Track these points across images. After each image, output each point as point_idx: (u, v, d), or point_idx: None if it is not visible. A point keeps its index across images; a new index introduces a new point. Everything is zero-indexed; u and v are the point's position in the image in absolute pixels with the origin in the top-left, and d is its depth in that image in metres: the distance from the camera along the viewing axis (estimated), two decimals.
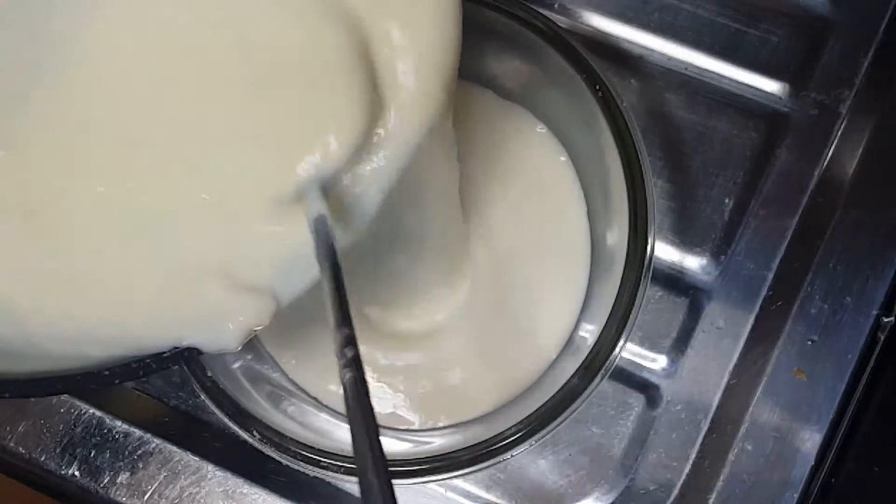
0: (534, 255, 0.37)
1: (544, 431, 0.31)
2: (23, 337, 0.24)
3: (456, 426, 0.36)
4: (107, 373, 0.25)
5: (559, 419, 0.31)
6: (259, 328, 0.25)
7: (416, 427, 0.36)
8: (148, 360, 0.25)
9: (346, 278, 0.23)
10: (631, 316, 0.31)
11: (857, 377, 0.37)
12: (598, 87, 0.32)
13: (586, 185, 0.38)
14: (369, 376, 0.36)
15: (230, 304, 0.24)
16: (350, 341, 0.22)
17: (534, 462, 0.38)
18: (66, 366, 0.24)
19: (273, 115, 0.24)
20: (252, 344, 0.36)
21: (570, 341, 0.36)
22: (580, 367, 0.31)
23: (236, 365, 0.34)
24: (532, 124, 0.38)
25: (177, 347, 0.25)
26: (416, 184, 0.29)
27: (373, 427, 0.20)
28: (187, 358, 0.25)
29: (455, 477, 0.34)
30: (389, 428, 0.36)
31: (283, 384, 0.37)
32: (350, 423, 0.21)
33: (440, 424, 0.36)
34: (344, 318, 0.22)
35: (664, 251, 0.40)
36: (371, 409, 0.21)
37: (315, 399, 0.37)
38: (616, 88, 0.32)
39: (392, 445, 0.35)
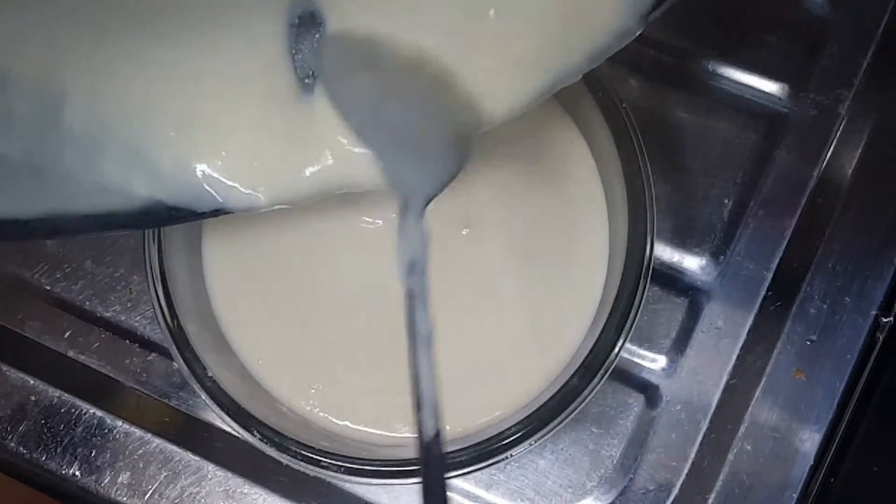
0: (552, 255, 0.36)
1: (544, 431, 0.31)
2: (94, 124, 0.26)
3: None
4: (159, 213, 0.27)
5: (559, 419, 0.31)
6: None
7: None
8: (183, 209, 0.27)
9: None
10: (630, 316, 0.31)
11: (857, 377, 0.37)
12: (597, 87, 0.32)
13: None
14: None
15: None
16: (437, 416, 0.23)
17: (534, 462, 0.38)
18: (112, 207, 0.27)
19: None
20: None
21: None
22: (580, 367, 0.31)
23: (236, 363, 0.34)
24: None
25: (217, 210, 0.27)
26: None
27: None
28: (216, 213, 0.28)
29: (455, 477, 0.34)
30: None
31: None
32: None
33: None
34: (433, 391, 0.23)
35: (663, 251, 0.40)
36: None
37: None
38: (616, 89, 0.33)
39: (390, 448, 0.35)
